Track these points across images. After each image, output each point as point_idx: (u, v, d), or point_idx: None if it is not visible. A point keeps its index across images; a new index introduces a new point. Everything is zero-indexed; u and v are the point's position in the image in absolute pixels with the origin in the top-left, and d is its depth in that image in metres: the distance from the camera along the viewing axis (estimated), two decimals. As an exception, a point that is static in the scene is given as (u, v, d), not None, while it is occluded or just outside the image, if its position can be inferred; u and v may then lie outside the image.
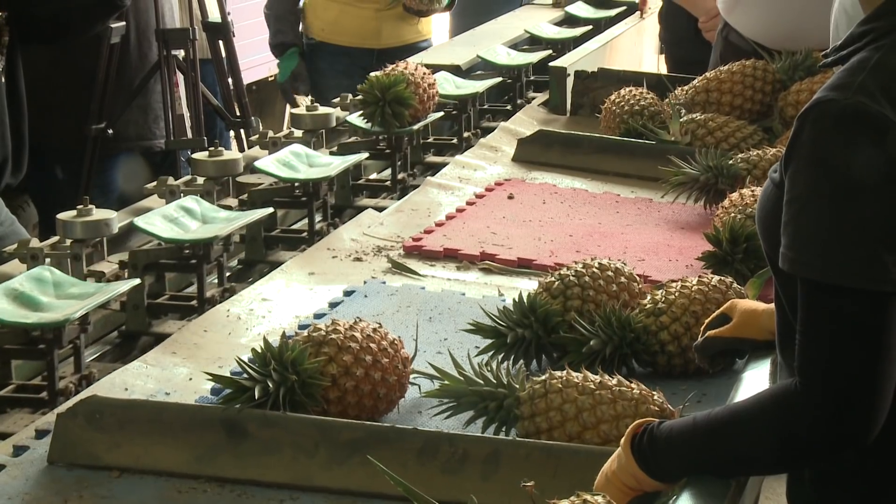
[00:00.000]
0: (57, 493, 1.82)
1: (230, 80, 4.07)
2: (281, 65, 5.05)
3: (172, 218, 2.46)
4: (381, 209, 3.12)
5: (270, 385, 1.92)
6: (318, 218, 2.95)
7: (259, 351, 1.97)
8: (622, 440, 1.68)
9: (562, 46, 4.71)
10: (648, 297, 2.25)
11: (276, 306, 2.50)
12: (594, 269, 2.28)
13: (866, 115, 1.58)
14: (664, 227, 3.00)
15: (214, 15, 4.00)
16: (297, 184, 2.90)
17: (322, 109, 3.19)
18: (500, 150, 3.58)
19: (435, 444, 1.83)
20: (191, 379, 2.17)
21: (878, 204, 1.58)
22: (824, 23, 3.62)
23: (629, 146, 3.47)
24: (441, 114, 3.41)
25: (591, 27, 4.93)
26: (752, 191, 2.72)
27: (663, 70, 4.76)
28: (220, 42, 3.99)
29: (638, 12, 5.22)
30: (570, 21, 5.15)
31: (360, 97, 3.16)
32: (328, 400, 1.97)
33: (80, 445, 1.88)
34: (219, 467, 1.86)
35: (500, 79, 4.07)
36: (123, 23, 3.72)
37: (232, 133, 4.11)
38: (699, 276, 2.29)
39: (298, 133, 3.21)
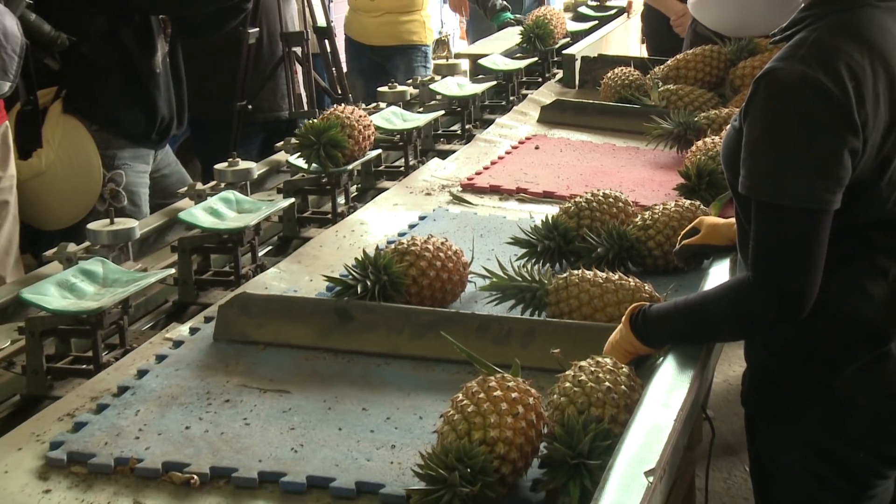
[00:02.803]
0: (220, 360, 1.82)
1: (333, 70, 4.05)
2: None
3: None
4: (446, 155, 3.10)
5: (368, 283, 1.91)
6: (260, 252, 2.36)
7: (360, 259, 1.96)
8: (623, 318, 1.67)
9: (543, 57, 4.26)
10: (639, 217, 2.21)
11: (370, 228, 2.48)
12: (599, 198, 2.26)
13: (805, 79, 1.52)
14: (648, 167, 2.96)
15: (321, 21, 3.97)
16: (225, 234, 2.22)
17: (242, 164, 2.51)
18: (528, 115, 3.54)
19: (487, 324, 1.82)
20: (311, 280, 2.16)
21: (812, 144, 1.53)
22: (765, 18, 3.59)
23: (621, 109, 3.42)
24: (378, 151, 2.79)
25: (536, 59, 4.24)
26: (712, 139, 2.68)
27: (645, 55, 4.71)
28: (326, 41, 3.97)
29: (626, 14, 5.19)
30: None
31: (297, 141, 2.59)
32: (410, 293, 1.95)
33: (235, 327, 1.89)
34: (332, 342, 1.86)
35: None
36: (257, 29, 3.73)
37: (335, 106, 4.08)
38: (675, 201, 2.25)
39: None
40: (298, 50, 3.85)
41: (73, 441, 1.55)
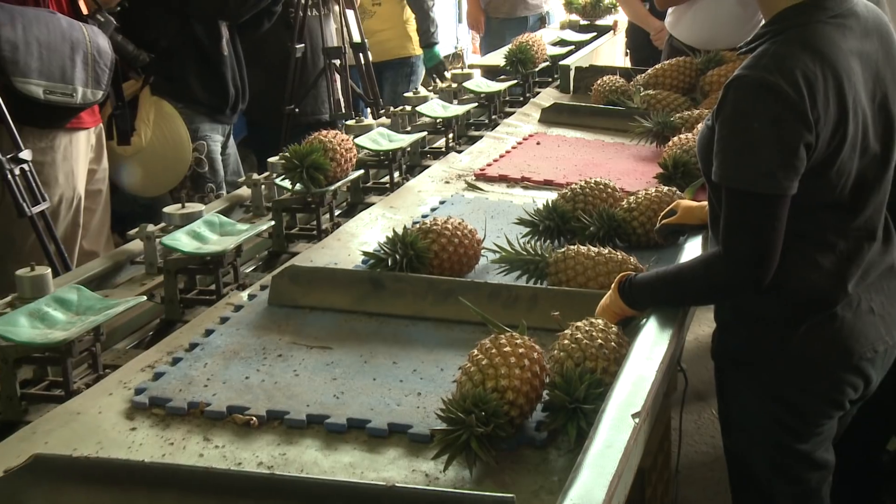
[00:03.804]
0: (273, 321, 1.81)
1: (366, 78, 4.02)
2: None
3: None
4: (459, 152, 3.03)
5: (398, 257, 1.89)
6: (250, 268, 2.21)
7: (390, 237, 1.94)
8: (612, 286, 1.65)
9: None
10: (625, 201, 2.17)
11: (398, 210, 2.45)
12: (591, 185, 2.22)
13: (767, 84, 1.50)
14: (632, 159, 2.91)
15: (357, 38, 3.94)
16: (208, 257, 1.92)
17: (190, 206, 2.09)
18: (531, 116, 3.49)
19: (498, 291, 1.80)
20: (349, 255, 2.13)
21: (773, 139, 1.50)
22: (730, 34, 3.54)
23: (609, 111, 3.36)
24: (361, 172, 2.48)
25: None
26: (686, 136, 2.63)
27: (629, 65, 4.66)
28: (360, 54, 3.93)
29: (612, 31, 5.13)
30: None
31: (283, 163, 2.28)
32: (432, 265, 1.93)
33: (286, 294, 1.87)
34: (367, 306, 1.83)
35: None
36: (303, 45, 3.72)
37: (368, 109, 4.07)
38: (655, 188, 2.21)
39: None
40: (337, 62, 3.82)
41: (154, 388, 1.55)
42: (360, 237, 2.24)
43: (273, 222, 2.19)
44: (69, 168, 2.70)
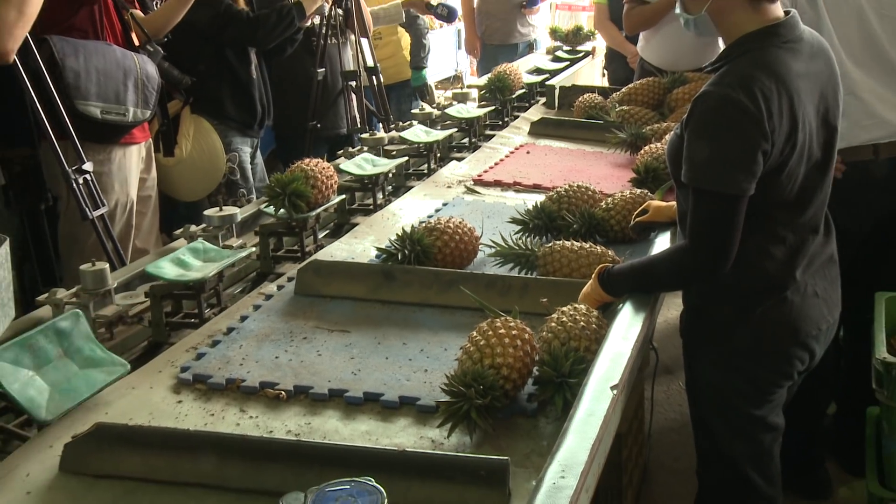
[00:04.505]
0: (299, 308, 1.80)
1: (378, 98, 4.00)
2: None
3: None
4: (461, 159, 3.02)
5: (406, 252, 1.88)
6: (237, 290, 2.02)
7: (400, 234, 1.92)
8: (593, 275, 1.65)
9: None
10: (603, 202, 2.16)
11: (407, 212, 2.43)
12: (574, 188, 2.21)
13: (729, 99, 1.50)
14: (610, 166, 2.89)
15: (370, 63, 3.92)
16: (190, 283, 1.75)
17: (227, 209, 2.03)
18: (522, 128, 3.47)
19: (494, 280, 1.79)
20: (364, 250, 2.13)
21: (734, 146, 1.51)
22: (691, 57, 3.54)
23: (589, 124, 3.34)
24: (343, 197, 2.32)
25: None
26: (656, 145, 2.60)
27: (606, 84, 4.63)
28: (373, 77, 3.92)
29: (591, 56, 5.10)
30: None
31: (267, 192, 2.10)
32: (436, 259, 1.92)
33: (310, 284, 1.86)
34: (380, 294, 1.83)
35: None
36: (323, 69, 3.71)
37: (380, 124, 4.06)
38: (630, 190, 2.19)
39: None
40: (353, 84, 3.81)
41: (197, 366, 1.55)
42: (376, 234, 2.24)
43: (253, 249, 1.99)
44: (123, 177, 2.71)
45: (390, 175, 2.65)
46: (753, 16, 1.58)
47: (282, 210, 2.03)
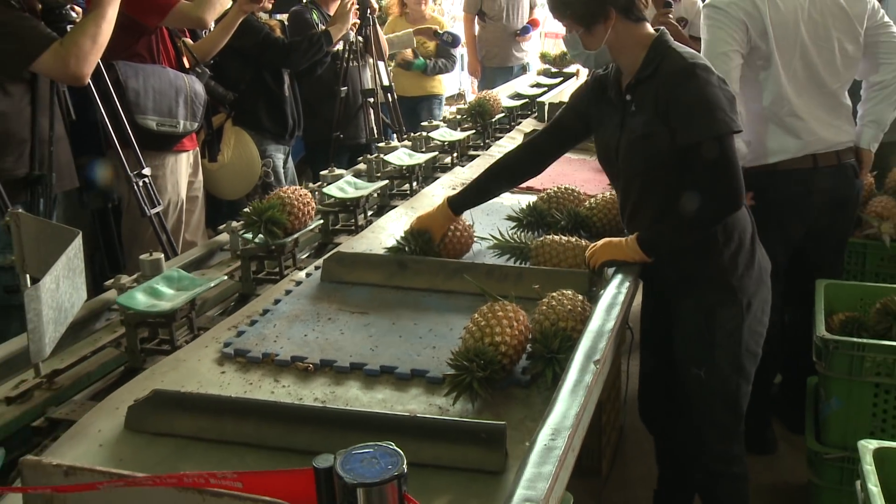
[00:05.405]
0: (325, 293, 1.78)
1: (392, 112, 3.98)
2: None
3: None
4: (463, 166, 2.95)
5: (414, 246, 1.86)
6: (217, 312, 1.79)
7: (406, 230, 1.91)
8: (631, 241, 1.65)
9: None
10: (587, 202, 2.13)
11: (415, 214, 2.38)
12: (562, 190, 2.18)
13: (696, 65, 1.59)
14: (592, 171, 2.86)
15: (386, 82, 3.91)
16: (161, 314, 1.53)
17: (155, 254, 1.68)
18: (516, 139, 3.42)
19: (492, 269, 1.77)
20: (380, 244, 2.09)
21: (719, 96, 1.58)
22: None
23: (574, 136, 3.29)
24: (321, 221, 2.08)
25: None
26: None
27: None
28: (388, 94, 3.90)
29: (576, 76, 5.06)
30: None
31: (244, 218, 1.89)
32: (441, 251, 1.90)
33: (334, 272, 1.84)
34: (394, 281, 1.80)
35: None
36: (346, 87, 3.71)
37: (395, 134, 4.04)
38: (610, 192, 2.15)
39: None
40: (371, 100, 3.80)
41: (237, 342, 1.52)
42: (388, 230, 2.21)
43: (225, 277, 1.73)
44: (175, 180, 2.73)
45: (376, 195, 2.45)
46: (642, 31, 1.64)
47: (260, 236, 1.83)
